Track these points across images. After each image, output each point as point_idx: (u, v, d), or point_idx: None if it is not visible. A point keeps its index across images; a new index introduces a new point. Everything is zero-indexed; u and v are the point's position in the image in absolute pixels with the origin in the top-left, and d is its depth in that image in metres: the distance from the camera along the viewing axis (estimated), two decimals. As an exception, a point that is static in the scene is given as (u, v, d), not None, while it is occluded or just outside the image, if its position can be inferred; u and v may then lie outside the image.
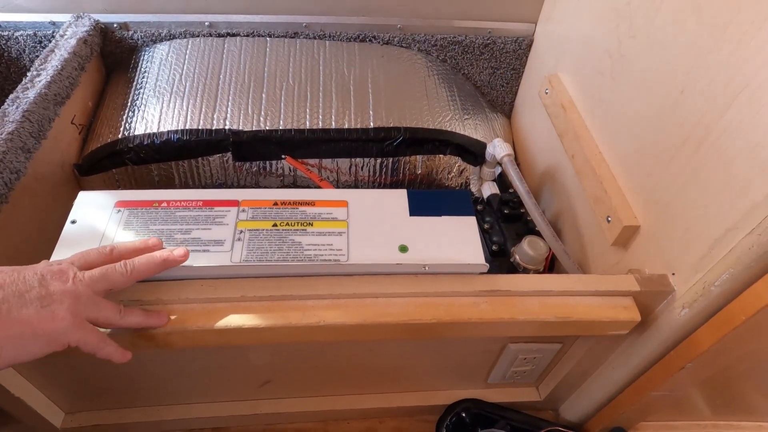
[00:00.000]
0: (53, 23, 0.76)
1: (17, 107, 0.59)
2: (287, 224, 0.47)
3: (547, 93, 0.75)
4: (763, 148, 0.41)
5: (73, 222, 0.47)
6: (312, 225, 0.47)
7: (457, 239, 0.48)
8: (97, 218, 0.47)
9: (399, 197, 0.50)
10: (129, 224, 0.46)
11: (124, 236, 0.46)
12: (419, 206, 0.50)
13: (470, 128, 0.76)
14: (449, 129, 0.73)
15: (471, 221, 0.49)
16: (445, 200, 0.50)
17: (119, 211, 0.47)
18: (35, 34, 0.76)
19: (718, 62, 0.46)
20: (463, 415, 0.68)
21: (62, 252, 0.45)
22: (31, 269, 0.38)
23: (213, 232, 0.46)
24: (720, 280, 0.45)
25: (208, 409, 0.67)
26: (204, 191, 0.49)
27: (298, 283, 0.45)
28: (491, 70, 0.87)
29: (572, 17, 0.73)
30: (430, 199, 0.50)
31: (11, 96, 0.61)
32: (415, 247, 0.47)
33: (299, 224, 0.47)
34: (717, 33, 0.46)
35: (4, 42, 0.76)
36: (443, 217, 0.49)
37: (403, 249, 0.47)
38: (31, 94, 0.61)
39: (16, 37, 0.76)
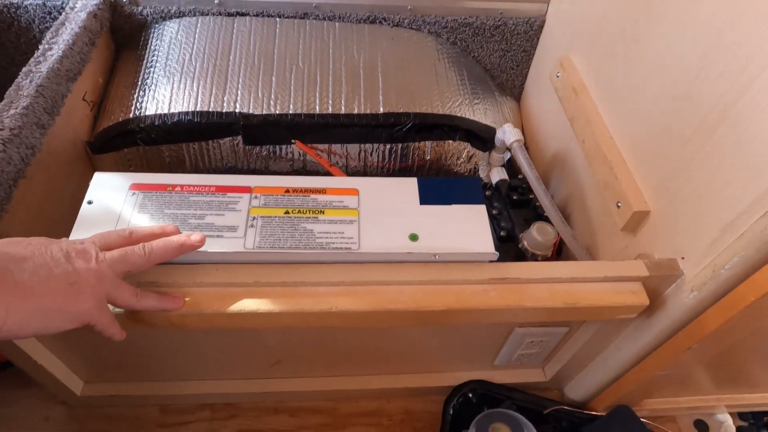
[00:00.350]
0: None
1: (31, 81, 0.59)
2: (299, 212, 0.48)
3: (558, 76, 0.74)
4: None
5: (90, 203, 0.47)
6: (323, 213, 0.48)
7: (467, 228, 0.48)
8: (113, 200, 0.48)
9: (409, 185, 0.51)
10: (144, 207, 0.47)
11: (139, 219, 0.46)
12: (430, 194, 0.50)
13: (480, 113, 0.76)
14: (459, 114, 0.73)
15: (481, 210, 0.50)
16: (456, 188, 0.51)
17: (134, 193, 0.48)
18: (44, 5, 0.75)
19: (737, 43, 0.45)
20: (470, 395, 0.69)
21: (80, 232, 0.46)
22: (56, 244, 0.39)
23: (226, 218, 0.47)
24: (730, 263, 0.46)
25: (221, 385, 0.69)
26: (216, 177, 0.50)
27: (310, 269, 0.46)
28: (501, 53, 0.86)
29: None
30: (440, 188, 0.51)
31: (24, 69, 0.61)
32: (426, 235, 0.47)
33: (311, 212, 0.48)
34: (736, 12, 0.45)
35: (14, 11, 0.76)
36: (453, 206, 0.50)
37: (414, 237, 0.47)
38: (44, 68, 0.61)
39: (26, 6, 0.75)
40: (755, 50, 0.43)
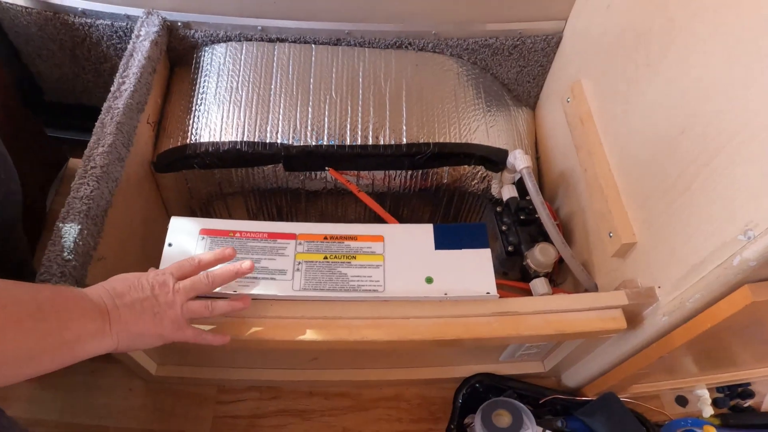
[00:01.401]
0: (128, 16, 0.84)
1: (111, 118, 0.68)
2: (335, 257, 0.58)
3: (568, 101, 0.81)
4: (735, 200, 0.50)
5: (170, 245, 0.59)
6: (355, 258, 0.58)
7: (474, 271, 0.58)
8: (187, 243, 0.59)
9: (426, 232, 0.61)
10: (211, 251, 0.58)
11: (208, 263, 0.58)
12: (443, 240, 0.60)
13: (494, 136, 0.84)
14: (474, 141, 0.81)
15: (486, 253, 0.59)
16: (465, 234, 0.61)
17: (203, 238, 0.59)
18: (112, 25, 0.85)
19: (713, 112, 0.53)
20: (477, 386, 0.81)
21: None
22: (144, 278, 0.51)
23: (277, 262, 0.58)
24: (693, 298, 0.56)
25: (267, 372, 0.82)
26: (267, 224, 0.60)
27: (345, 306, 0.57)
28: (519, 68, 0.92)
29: (598, 24, 0.76)
30: (452, 233, 0.61)
31: (106, 105, 0.70)
32: (439, 278, 0.58)
33: (345, 257, 0.58)
34: (713, 86, 0.53)
35: (87, 28, 0.86)
36: (463, 250, 0.60)
37: (429, 280, 0.58)
38: (120, 103, 0.70)
39: (97, 25, 0.85)
40: (724, 123, 0.51)
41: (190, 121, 0.80)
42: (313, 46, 0.85)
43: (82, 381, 0.83)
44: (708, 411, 0.87)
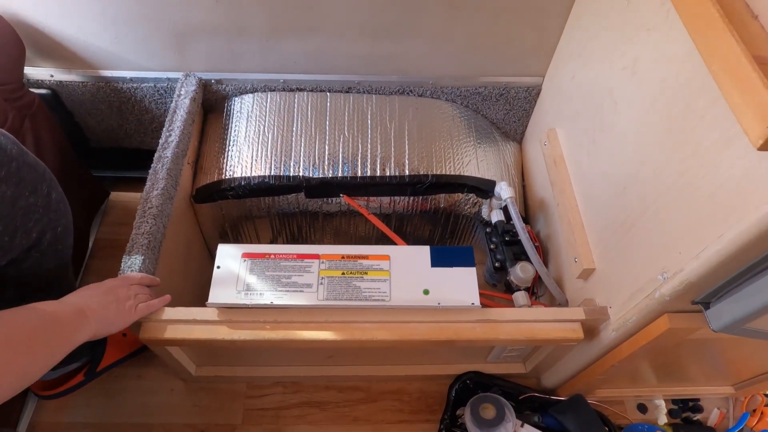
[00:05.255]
0: (168, 79, 1.00)
1: (162, 166, 0.84)
2: (351, 273, 0.73)
3: (545, 145, 0.96)
4: (656, 247, 0.64)
5: (218, 267, 0.73)
6: (367, 274, 0.73)
7: (461, 285, 0.73)
8: (232, 265, 0.73)
9: (424, 252, 0.75)
10: (252, 270, 0.73)
11: (250, 279, 0.72)
12: (437, 259, 0.75)
13: (483, 168, 0.99)
14: (467, 173, 0.96)
15: (472, 271, 0.74)
16: (455, 255, 0.75)
17: (245, 260, 0.74)
18: (155, 86, 1.01)
19: (644, 179, 0.67)
20: (468, 382, 0.95)
21: (216, 289, 0.71)
22: (113, 293, 0.66)
23: (304, 278, 0.72)
24: (631, 320, 0.69)
25: (289, 370, 0.96)
26: (296, 247, 0.75)
27: (359, 312, 0.72)
28: (505, 111, 1.07)
29: (566, 89, 0.92)
30: (445, 254, 0.75)
31: (156, 155, 0.85)
32: (434, 290, 0.72)
33: (358, 273, 0.73)
34: (643, 159, 0.67)
35: (133, 90, 1.02)
36: (453, 268, 0.74)
37: (426, 292, 0.72)
38: (168, 153, 0.86)
39: (142, 87, 1.01)
40: (650, 191, 0.65)
41: (225, 160, 0.95)
42: (328, 93, 1.01)
43: (129, 385, 0.97)
44: (663, 419, 1.01)
